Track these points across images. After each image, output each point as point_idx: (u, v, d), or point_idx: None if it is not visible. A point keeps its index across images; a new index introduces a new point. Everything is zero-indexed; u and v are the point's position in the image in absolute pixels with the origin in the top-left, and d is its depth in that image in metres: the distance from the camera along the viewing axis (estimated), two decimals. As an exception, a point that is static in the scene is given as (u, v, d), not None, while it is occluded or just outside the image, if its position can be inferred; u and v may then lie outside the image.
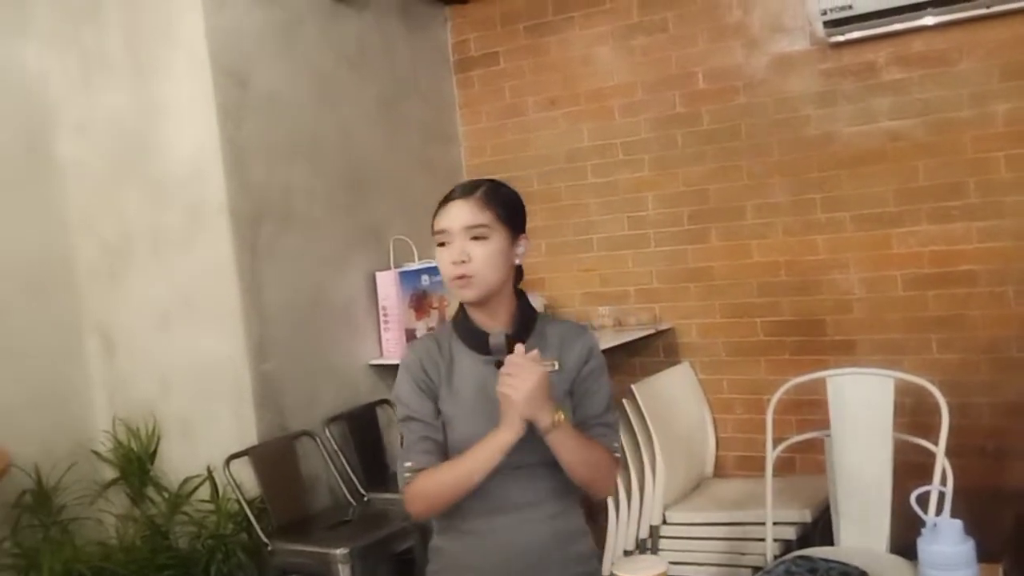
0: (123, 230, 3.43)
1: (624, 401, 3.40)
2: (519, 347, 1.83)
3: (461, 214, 1.89)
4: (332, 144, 3.66)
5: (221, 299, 3.25)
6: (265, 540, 3.06)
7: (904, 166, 3.40)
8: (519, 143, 4.18)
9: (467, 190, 1.93)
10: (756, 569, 3.26)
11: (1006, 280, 3.27)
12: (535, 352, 1.83)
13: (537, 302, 3.98)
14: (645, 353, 3.92)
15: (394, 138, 3.95)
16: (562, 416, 1.82)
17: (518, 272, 1.98)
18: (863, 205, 3.48)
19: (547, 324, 2.01)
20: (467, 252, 1.87)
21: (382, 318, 3.76)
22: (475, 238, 1.88)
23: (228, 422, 3.28)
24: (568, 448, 1.86)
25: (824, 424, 3.03)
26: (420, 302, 3.77)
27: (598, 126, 3.99)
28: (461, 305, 1.98)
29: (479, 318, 1.94)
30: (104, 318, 3.48)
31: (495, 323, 1.93)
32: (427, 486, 1.89)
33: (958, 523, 1.57)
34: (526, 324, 1.96)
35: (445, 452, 1.92)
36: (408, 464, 1.90)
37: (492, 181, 1.99)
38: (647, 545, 3.39)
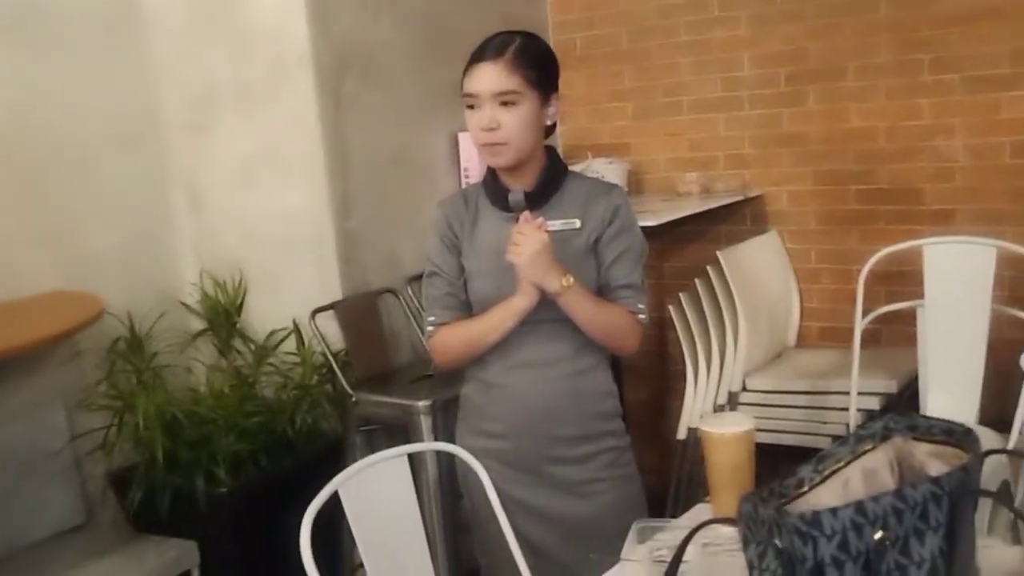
0: (208, 83, 3.41)
1: (708, 268, 3.35)
2: (525, 214, 1.83)
3: (489, 78, 1.84)
4: (413, -4, 3.55)
5: (305, 153, 3.24)
6: (349, 391, 3.12)
7: (1021, 24, 3.16)
8: (608, -2, 4.00)
9: (496, 50, 1.86)
10: (836, 438, 3.23)
11: (1126, 148, 3.08)
12: (540, 219, 1.83)
13: (620, 168, 3.90)
14: (731, 221, 3.82)
15: (476, -9, 3.81)
16: (571, 280, 1.83)
17: (549, 129, 1.95)
18: (974, 66, 3.26)
19: (575, 182, 1.99)
20: (496, 119, 1.84)
21: (463, 179, 3.71)
22: (504, 103, 1.84)
23: (312, 277, 3.32)
24: (581, 311, 1.88)
25: (913, 296, 2.94)
26: (502, 163, 3.70)
27: (693, -22, 3.78)
28: None
29: (506, 176, 1.94)
30: (190, 171, 3.50)
31: (521, 182, 1.92)
32: (447, 341, 1.97)
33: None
34: (552, 182, 1.94)
35: (468, 307, 1.96)
36: (431, 319, 1.98)
37: (523, 36, 1.91)
38: (725, 411, 3.37)
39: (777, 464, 1.86)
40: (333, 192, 3.25)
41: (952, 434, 1.41)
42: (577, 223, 1.93)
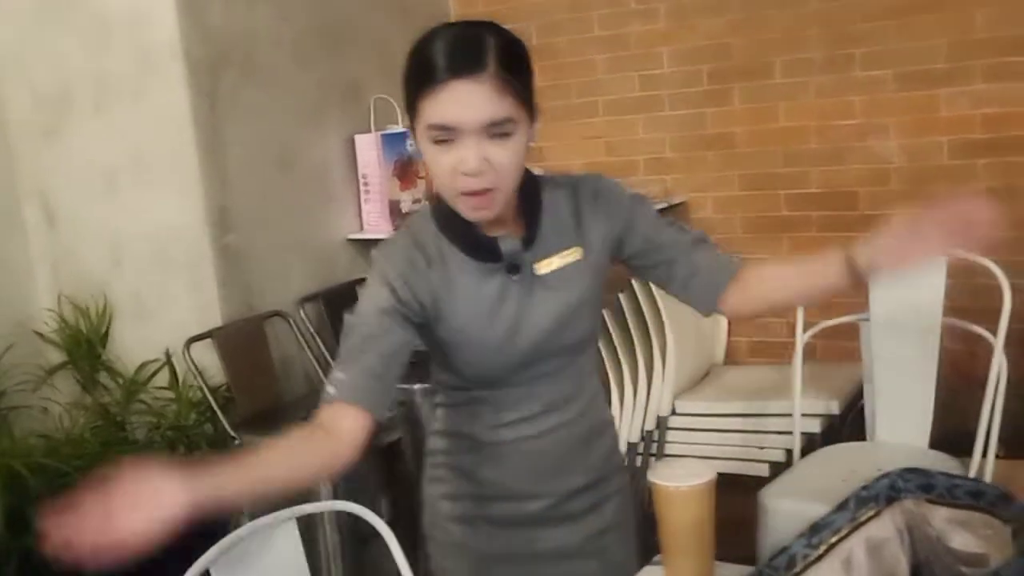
0: (60, 80, 3.02)
1: (632, 281, 3.07)
2: None
3: (475, 106, 1.31)
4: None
5: (176, 159, 2.88)
6: (232, 432, 2.74)
7: (960, 15, 2.99)
8: (516, -10, 3.71)
9: (472, 59, 1.32)
10: (776, 465, 2.99)
11: (1069, 146, 2.92)
12: None
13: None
14: (653, 230, 3.56)
15: (371, -20, 3.49)
16: None
17: None
18: (909, 61, 3.08)
19: (547, 189, 1.52)
20: (486, 158, 1.33)
21: (362, 187, 3.38)
22: (494, 136, 1.33)
23: (188, 301, 2.96)
24: None
25: (847, 308, 2.71)
26: (405, 170, 3.37)
27: (607, -30, 3.53)
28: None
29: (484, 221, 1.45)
30: (42, 181, 3.11)
31: (502, 224, 1.46)
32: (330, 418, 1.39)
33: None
34: (536, 211, 1.49)
35: (388, 392, 1.44)
36: (334, 387, 1.39)
37: (492, 31, 1.37)
38: (653, 437, 3.10)
39: (715, 496, 1.57)
40: (209, 203, 2.91)
41: (981, 497, 1.12)
42: (578, 252, 1.51)
